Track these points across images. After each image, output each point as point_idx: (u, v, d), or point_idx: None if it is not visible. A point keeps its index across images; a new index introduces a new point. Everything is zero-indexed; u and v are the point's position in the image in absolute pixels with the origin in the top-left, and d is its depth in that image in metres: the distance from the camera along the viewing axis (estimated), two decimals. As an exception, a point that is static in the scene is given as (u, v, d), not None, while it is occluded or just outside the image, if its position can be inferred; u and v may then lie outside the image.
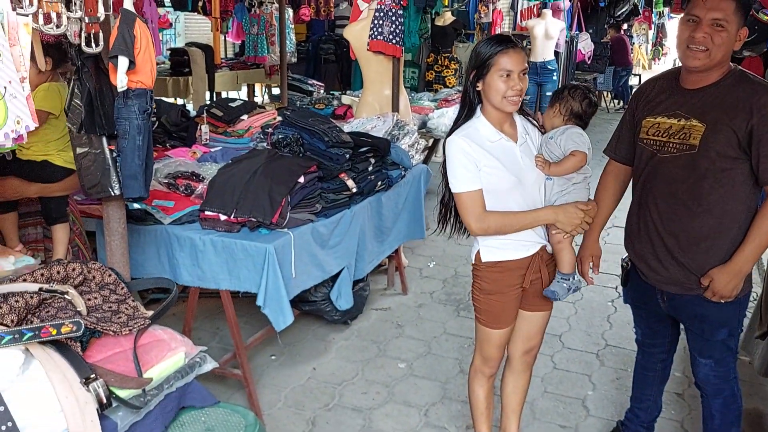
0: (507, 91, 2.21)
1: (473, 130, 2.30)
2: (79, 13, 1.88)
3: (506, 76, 2.20)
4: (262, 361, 3.61)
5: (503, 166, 2.26)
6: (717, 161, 2.13)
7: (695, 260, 2.24)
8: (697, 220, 2.20)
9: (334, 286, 3.54)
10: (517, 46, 2.25)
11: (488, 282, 2.40)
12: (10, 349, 1.58)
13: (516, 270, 2.38)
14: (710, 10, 2.09)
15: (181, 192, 3.19)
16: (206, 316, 4.05)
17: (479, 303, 2.46)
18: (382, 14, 4.44)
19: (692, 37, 2.12)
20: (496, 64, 2.21)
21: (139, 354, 1.89)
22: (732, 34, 2.11)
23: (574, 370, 3.58)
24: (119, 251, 2.18)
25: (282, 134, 3.50)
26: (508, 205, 2.29)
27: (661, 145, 2.26)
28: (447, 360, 3.66)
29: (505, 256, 2.36)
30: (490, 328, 2.46)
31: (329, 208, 3.35)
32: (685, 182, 2.20)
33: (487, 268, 2.39)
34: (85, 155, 2.21)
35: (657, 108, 2.31)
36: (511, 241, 2.34)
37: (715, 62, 2.14)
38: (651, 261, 2.36)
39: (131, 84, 2.15)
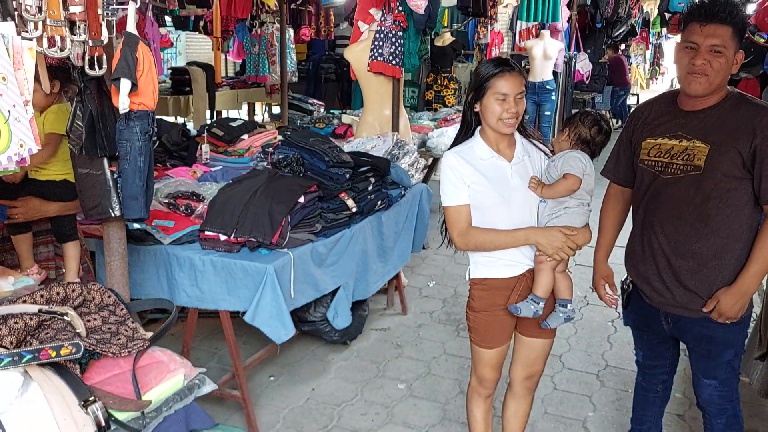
0: (502, 113, 2.24)
1: (468, 148, 2.35)
2: (83, 36, 1.89)
3: (502, 99, 2.23)
4: (261, 381, 3.59)
5: (490, 184, 2.28)
6: (722, 182, 2.15)
7: (702, 282, 2.24)
8: (704, 240, 2.21)
9: (331, 305, 3.53)
10: (514, 69, 2.26)
11: (476, 300, 2.43)
12: (8, 371, 1.58)
13: (502, 290, 2.39)
14: (708, 37, 2.12)
15: (182, 212, 3.20)
16: (205, 336, 4.03)
17: (470, 321, 2.49)
18: (382, 35, 4.48)
19: (692, 64, 2.15)
20: (493, 87, 2.24)
21: (138, 376, 1.89)
22: (730, 58, 2.14)
23: (575, 390, 3.56)
24: (119, 272, 2.18)
25: (282, 154, 3.52)
26: (493, 222, 2.31)
27: (664, 166, 2.27)
28: (447, 381, 3.65)
29: (490, 274, 2.38)
30: (480, 347, 2.47)
31: (329, 227, 3.35)
32: (690, 203, 2.21)
33: (475, 284, 2.43)
34: (86, 176, 2.22)
35: (657, 129, 2.32)
36: (497, 260, 2.36)
37: (715, 87, 2.16)
38: (655, 283, 2.35)
39: (133, 106, 2.16)
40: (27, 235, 2.91)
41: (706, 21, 2.12)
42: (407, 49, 4.62)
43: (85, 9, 1.85)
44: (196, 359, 3.67)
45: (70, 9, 1.87)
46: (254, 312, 2.89)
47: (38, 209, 2.82)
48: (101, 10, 1.93)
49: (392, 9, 4.43)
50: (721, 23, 2.10)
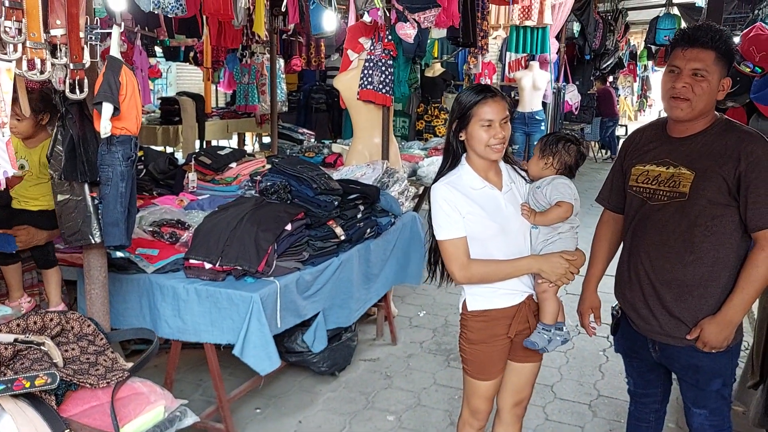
0: (489, 139, 2.22)
1: (457, 177, 2.30)
2: (64, 59, 1.87)
3: (487, 126, 2.21)
4: (247, 414, 3.51)
5: (486, 214, 2.25)
6: (708, 208, 2.13)
7: (687, 310, 2.22)
8: (689, 268, 2.19)
9: (309, 330, 3.44)
10: (496, 94, 2.26)
11: (474, 332, 2.36)
12: (-21, 402, 1.52)
13: (502, 319, 2.34)
14: (690, 61, 2.12)
15: (166, 240, 3.15)
16: (190, 367, 3.95)
17: (466, 353, 2.42)
18: (371, 64, 4.49)
19: (673, 87, 2.15)
20: (477, 114, 2.22)
21: (117, 408, 1.84)
22: (713, 83, 2.13)
23: (567, 421, 3.50)
24: (99, 300, 2.12)
25: (270, 181, 3.49)
26: (491, 252, 2.27)
27: (651, 192, 2.26)
28: (437, 412, 3.58)
29: (491, 305, 2.33)
30: (476, 379, 2.41)
31: (317, 255, 3.31)
32: (676, 230, 2.19)
33: (473, 317, 2.36)
34: (66, 202, 2.18)
35: (645, 156, 2.32)
36: (496, 290, 2.31)
37: (698, 112, 2.16)
38: (642, 310, 2.33)
39: (115, 131, 2.13)
40: (17, 264, 2.88)
41: (688, 45, 2.14)
42: (397, 77, 4.63)
43: (66, 32, 1.82)
44: (180, 391, 3.59)
45: (52, 32, 1.85)
46: (242, 346, 2.83)
47: (34, 237, 2.80)
48: (83, 33, 1.91)
49: (382, 38, 4.46)
50: (703, 48, 2.11)
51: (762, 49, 3.38)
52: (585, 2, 9.84)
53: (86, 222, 2.14)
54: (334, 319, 3.55)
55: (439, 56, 9.14)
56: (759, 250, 2.12)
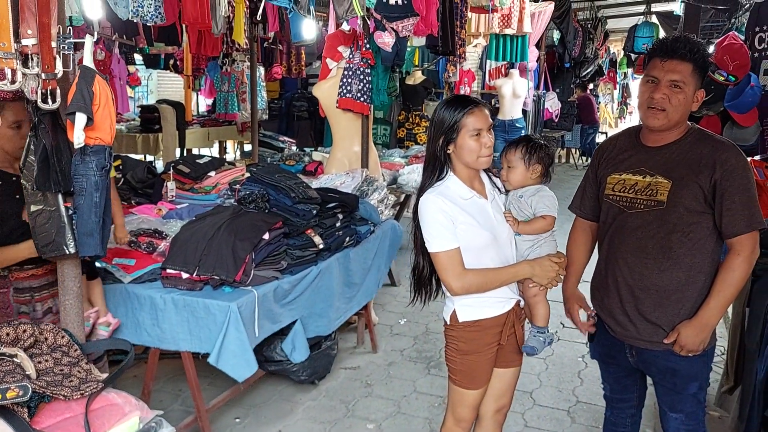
0: (481, 149, 2.24)
1: (445, 188, 2.30)
2: (36, 69, 1.86)
3: (477, 135, 2.23)
4: (226, 423, 3.49)
5: (478, 223, 2.26)
6: (685, 216, 2.17)
7: (665, 315, 2.25)
8: (666, 273, 2.22)
9: (287, 339, 3.42)
10: (479, 104, 2.28)
11: (465, 342, 2.35)
12: (-52, 416, 1.50)
13: (493, 328, 2.35)
14: (668, 72, 2.16)
15: (143, 250, 3.14)
16: (169, 377, 3.92)
17: (455, 364, 2.40)
18: (350, 72, 4.51)
19: (651, 98, 2.19)
20: (466, 125, 2.23)
21: (91, 419, 1.82)
22: (689, 95, 2.18)
23: (546, 427, 3.51)
24: (74, 311, 2.10)
25: (248, 190, 3.48)
26: (483, 261, 2.28)
27: (629, 201, 2.29)
28: (417, 419, 3.58)
29: (482, 315, 2.33)
30: (465, 388, 2.41)
31: (295, 264, 3.31)
32: (653, 237, 2.23)
33: (465, 327, 2.35)
34: (39, 213, 2.16)
35: (621, 165, 2.35)
36: (487, 299, 2.32)
37: (673, 122, 2.20)
38: (619, 316, 2.36)
39: (89, 140, 2.12)
40: (98, 280, 2.81)
41: (667, 56, 2.18)
42: (375, 86, 4.65)
43: (38, 42, 1.81)
44: (159, 401, 3.56)
45: (23, 42, 1.84)
46: (218, 354, 2.82)
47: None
48: (55, 43, 1.90)
49: (360, 46, 4.47)
50: (681, 60, 2.15)
51: (735, 58, 3.45)
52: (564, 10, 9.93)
53: (60, 232, 2.12)
54: (314, 328, 3.54)
55: (420, 64, 9.19)
56: (734, 255, 2.16)
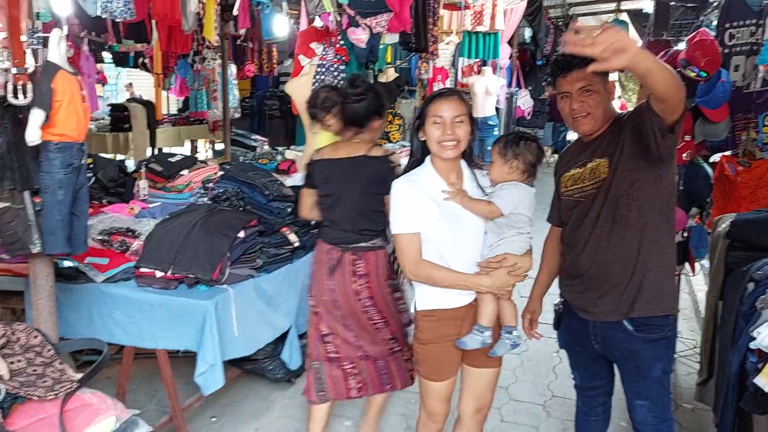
0: (441, 136, 2.25)
1: (418, 176, 2.35)
2: (6, 63, 1.83)
3: (439, 122, 2.26)
4: (202, 422, 3.45)
5: (440, 214, 2.28)
6: (625, 175, 2.24)
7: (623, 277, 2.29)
8: (622, 238, 2.28)
9: (284, 347, 3.46)
10: (453, 94, 2.31)
11: (424, 332, 2.40)
12: None
13: (451, 320, 2.37)
14: (574, 83, 2.29)
15: (116, 249, 3.09)
16: (145, 377, 3.87)
17: (417, 354, 2.45)
18: (323, 69, 4.49)
19: (572, 109, 2.32)
20: (430, 111, 2.28)
21: (66, 420, 1.80)
22: (602, 92, 2.30)
23: (522, 422, 3.55)
24: (46, 310, 2.07)
25: (221, 188, 3.46)
26: (439, 251, 2.30)
27: (579, 190, 2.37)
28: (393, 417, 3.58)
29: (439, 305, 2.36)
30: (429, 380, 2.44)
31: (270, 262, 3.29)
32: (604, 208, 2.29)
33: (423, 317, 2.40)
34: (5, 211, 2.12)
35: (569, 164, 2.45)
36: (444, 290, 2.34)
37: (602, 120, 2.32)
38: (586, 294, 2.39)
39: (53, 137, 2.09)
40: None
41: (566, 71, 2.30)
42: (349, 82, 4.63)
43: (8, 35, 1.78)
44: (135, 401, 3.51)
45: (-8, 36, 1.81)
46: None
47: None
48: (25, 36, 1.86)
49: (333, 43, 4.46)
50: (579, 68, 2.25)
51: (707, 54, 3.50)
52: (536, 8, 10.00)
53: (27, 231, 2.08)
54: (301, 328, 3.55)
55: (392, 62, 9.19)
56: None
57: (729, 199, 3.74)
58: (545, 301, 2.71)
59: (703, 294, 4.82)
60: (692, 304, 5.09)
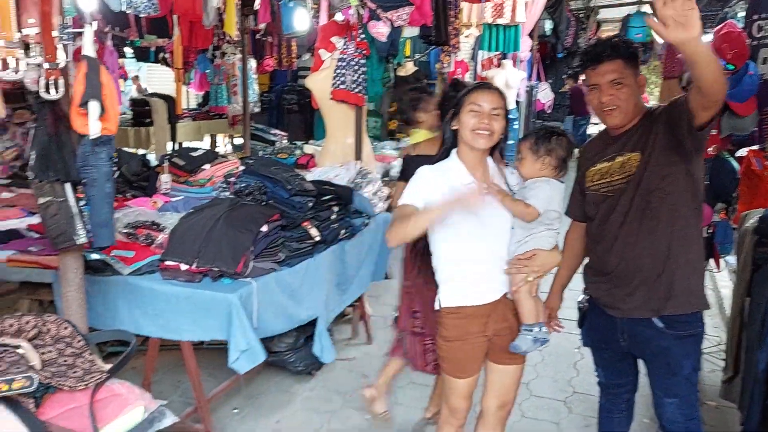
0: (477, 124, 2.25)
1: (444, 168, 2.35)
2: (38, 59, 1.85)
3: (477, 111, 2.25)
4: (225, 414, 3.49)
5: (469, 212, 2.23)
6: (657, 170, 2.22)
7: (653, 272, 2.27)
8: (653, 235, 2.26)
9: (315, 341, 3.48)
10: (492, 87, 2.32)
11: (449, 329, 2.38)
12: (-44, 407, 1.50)
13: (477, 317, 2.36)
14: (604, 75, 2.27)
15: (141, 242, 3.13)
16: (169, 368, 3.92)
17: (441, 351, 2.43)
18: (344, 63, 4.50)
19: (601, 102, 2.29)
20: (468, 100, 2.28)
21: (96, 409, 1.82)
22: (632, 86, 2.28)
23: (543, 418, 3.54)
24: (76, 302, 2.10)
25: (244, 182, 3.48)
26: (467, 246, 2.30)
27: (607, 184, 2.35)
28: (414, 410, 3.59)
29: (464, 302, 2.35)
30: (453, 377, 2.43)
31: (292, 256, 3.31)
32: (634, 203, 2.27)
33: (448, 314, 2.38)
34: (48, 205, 2.14)
35: (595, 158, 2.42)
36: (468, 285, 2.34)
37: (631, 114, 2.29)
38: (613, 290, 2.37)
39: (101, 131, 2.11)
40: None
41: (596, 63, 2.28)
42: (370, 76, 4.64)
43: (40, 31, 1.80)
44: (159, 392, 3.56)
45: (24, 31, 1.83)
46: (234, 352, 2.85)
47: None
48: (57, 32, 1.89)
49: (354, 37, 4.46)
50: (609, 60, 2.25)
51: (734, 47, 3.45)
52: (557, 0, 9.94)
53: (70, 223, 2.10)
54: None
55: (411, 55, 9.15)
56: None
57: (756, 194, 3.68)
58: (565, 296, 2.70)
59: (727, 290, 4.78)
60: (716, 301, 5.05)
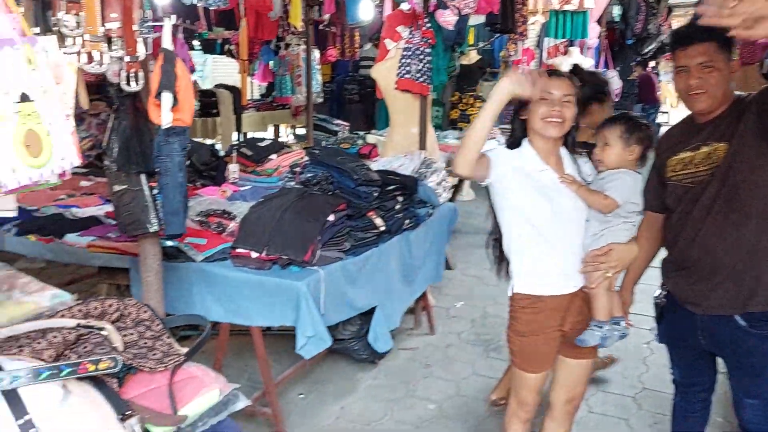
0: (547, 112, 2.19)
1: (519, 154, 2.29)
2: (120, 52, 1.92)
3: (546, 98, 2.19)
4: (290, 399, 3.56)
5: (542, 197, 2.22)
6: (746, 161, 2.13)
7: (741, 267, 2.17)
8: (741, 226, 2.16)
9: (370, 330, 3.50)
10: (562, 75, 2.26)
11: (523, 323, 2.33)
12: (48, 384, 1.57)
13: (553, 311, 2.30)
14: (695, 57, 2.17)
15: (213, 230, 3.21)
16: (234, 353, 4.01)
17: (513, 344, 2.39)
18: (409, 53, 4.49)
19: (688, 85, 2.20)
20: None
21: (174, 391, 1.88)
22: (723, 70, 2.17)
23: (611, 414, 3.48)
24: (154, 287, 2.18)
25: (311, 172, 3.52)
26: (542, 234, 2.24)
27: (691, 175, 2.26)
28: (478, 401, 3.59)
29: (540, 291, 2.29)
30: (524, 371, 2.38)
31: (358, 246, 3.33)
32: (721, 196, 2.18)
33: (522, 307, 2.33)
34: (123, 193, 2.23)
35: (677, 147, 2.33)
36: (543, 275, 2.29)
37: (718, 100, 2.19)
38: (696, 285, 2.29)
39: (173, 122, 2.17)
40: None
41: (687, 44, 2.19)
42: (435, 66, 4.61)
43: (122, 25, 1.87)
44: (227, 376, 3.56)
45: (107, 25, 1.90)
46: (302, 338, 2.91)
47: None
48: (137, 26, 1.95)
49: (420, 26, 4.44)
50: (701, 42, 2.16)
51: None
52: (627, -16, 9.63)
53: (144, 212, 2.18)
54: (396, 314, 3.63)
55: (474, 43, 9.05)
56: None
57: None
58: (638, 290, 2.63)
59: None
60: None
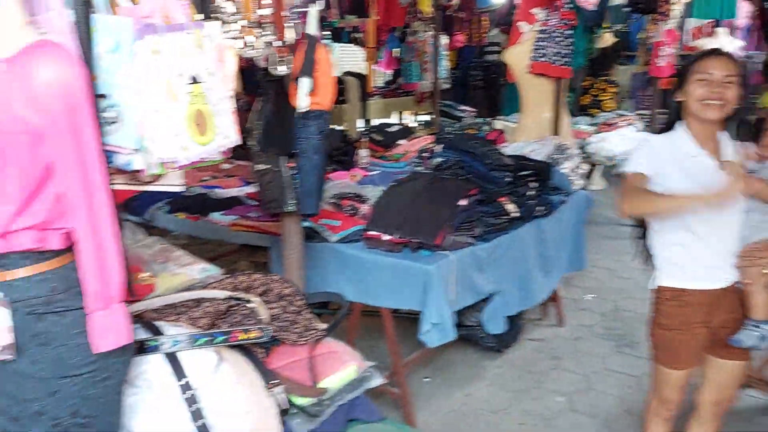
0: (705, 93, 2.06)
1: (671, 141, 2.17)
2: (271, 37, 1.99)
3: (704, 80, 2.06)
4: (416, 382, 3.59)
5: (692, 182, 2.07)
6: None
7: None
8: None
9: (485, 309, 3.44)
10: (724, 53, 2.12)
11: (667, 317, 2.22)
12: (204, 350, 1.67)
13: (700, 305, 2.17)
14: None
15: (346, 212, 3.29)
16: (360, 334, 4.09)
17: (655, 338, 2.28)
18: (545, 35, 4.36)
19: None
20: (696, 69, 2.09)
21: (314, 364, 1.95)
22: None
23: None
24: (296, 264, 2.26)
25: (443, 157, 3.52)
26: (695, 226, 2.11)
27: None
28: (610, 397, 3.45)
29: (685, 284, 2.17)
30: (666, 367, 2.27)
31: (488, 232, 3.29)
32: None
33: (667, 300, 2.21)
34: (265, 172, 2.33)
35: None
36: (691, 268, 2.16)
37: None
38: None
39: (311, 105, 2.24)
40: None
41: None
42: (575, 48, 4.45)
43: (274, 11, 1.94)
44: (355, 356, 3.74)
45: (259, 12, 1.98)
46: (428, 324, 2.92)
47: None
48: (287, 12, 2.01)
49: (558, 7, 4.29)
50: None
51: None
52: (779, -40, 8.83)
53: (282, 192, 2.27)
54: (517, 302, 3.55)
55: (610, 26, 8.63)
56: None
57: None
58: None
59: None
60: None
